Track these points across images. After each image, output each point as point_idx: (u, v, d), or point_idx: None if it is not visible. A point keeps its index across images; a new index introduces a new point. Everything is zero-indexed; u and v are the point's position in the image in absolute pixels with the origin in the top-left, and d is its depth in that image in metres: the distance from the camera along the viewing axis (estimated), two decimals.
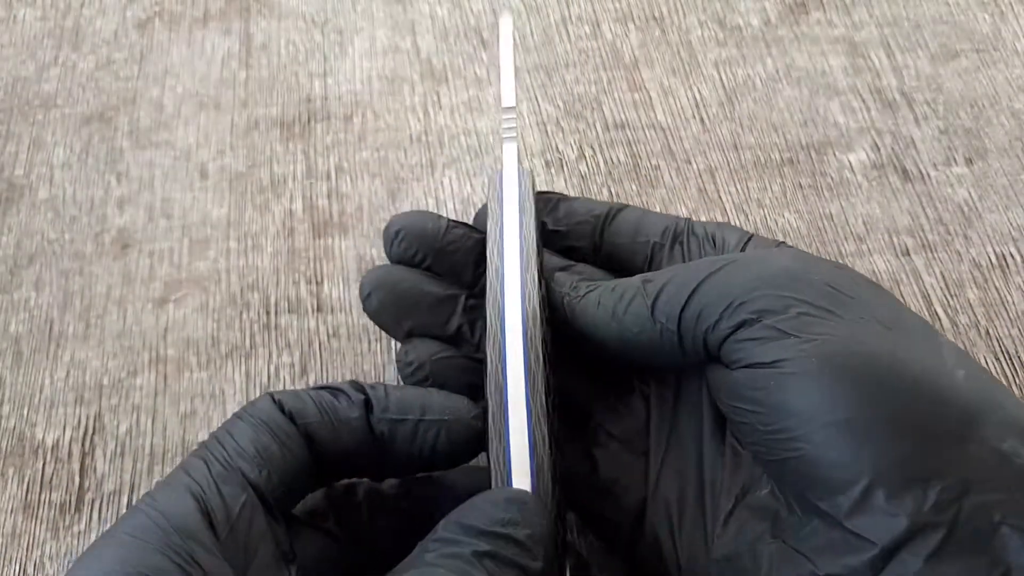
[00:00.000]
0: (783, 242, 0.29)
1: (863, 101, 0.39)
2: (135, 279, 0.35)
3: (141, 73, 0.41)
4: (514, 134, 0.30)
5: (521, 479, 0.23)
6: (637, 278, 0.27)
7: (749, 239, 0.28)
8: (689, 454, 0.26)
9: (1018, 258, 0.35)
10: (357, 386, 0.25)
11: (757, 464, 0.24)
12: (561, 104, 0.40)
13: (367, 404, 0.25)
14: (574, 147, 0.38)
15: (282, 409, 0.24)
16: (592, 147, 0.38)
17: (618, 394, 0.28)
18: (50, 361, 0.33)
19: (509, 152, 0.30)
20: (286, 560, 0.22)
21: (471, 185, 0.37)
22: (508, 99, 0.30)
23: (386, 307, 0.29)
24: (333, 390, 0.25)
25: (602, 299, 0.27)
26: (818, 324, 0.23)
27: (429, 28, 0.42)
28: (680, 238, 0.30)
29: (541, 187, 0.37)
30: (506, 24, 0.31)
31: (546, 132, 0.39)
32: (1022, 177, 0.37)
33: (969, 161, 0.38)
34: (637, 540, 0.26)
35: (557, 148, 0.38)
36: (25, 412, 0.32)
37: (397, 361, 0.29)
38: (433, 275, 0.30)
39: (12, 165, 0.38)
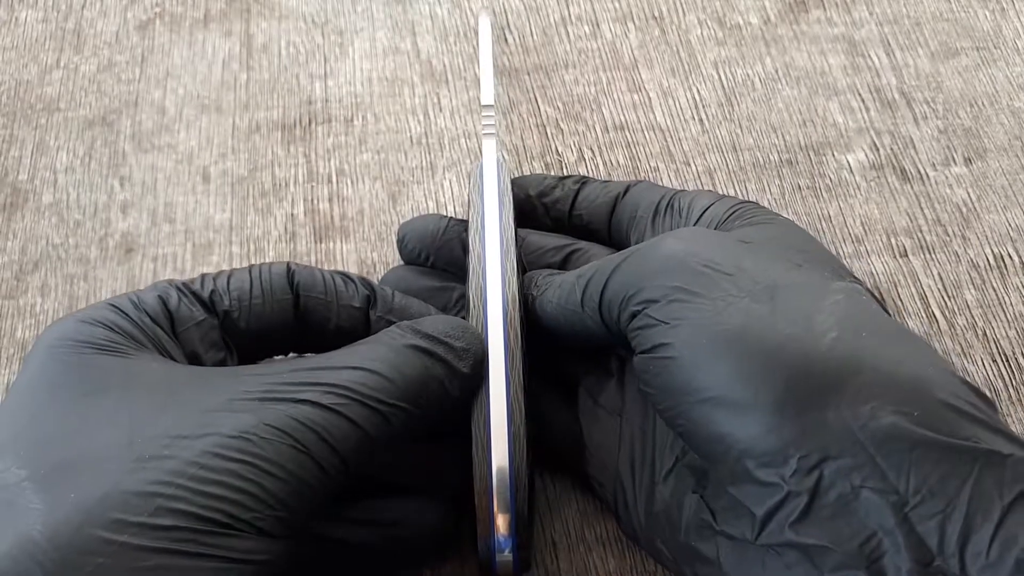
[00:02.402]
0: (749, 201, 0.30)
1: (862, 101, 0.39)
2: (139, 283, 0.35)
3: (143, 75, 0.41)
4: (493, 130, 0.32)
5: (500, 445, 0.25)
6: (573, 273, 0.28)
7: (711, 205, 0.30)
8: (648, 414, 0.28)
9: (1016, 259, 0.35)
10: (367, 282, 0.28)
11: None
12: (560, 105, 0.40)
13: (370, 299, 0.28)
14: (573, 149, 0.38)
15: (291, 278, 0.27)
16: (591, 149, 0.38)
17: (598, 358, 0.30)
18: None
19: (488, 147, 0.32)
20: None
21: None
22: (487, 97, 0.32)
23: None
24: (345, 276, 0.28)
25: (553, 296, 0.28)
26: (684, 308, 0.24)
27: (429, 29, 0.42)
28: (660, 212, 0.31)
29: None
30: (484, 24, 0.33)
31: (546, 134, 0.39)
32: (1021, 177, 0.37)
33: (968, 161, 0.38)
34: (615, 495, 0.28)
35: (557, 150, 0.38)
36: None
37: None
38: (437, 270, 0.32)
39: (16, 170, 0.38)
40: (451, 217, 0.33)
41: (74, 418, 0.22)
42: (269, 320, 0.26)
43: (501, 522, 0.25)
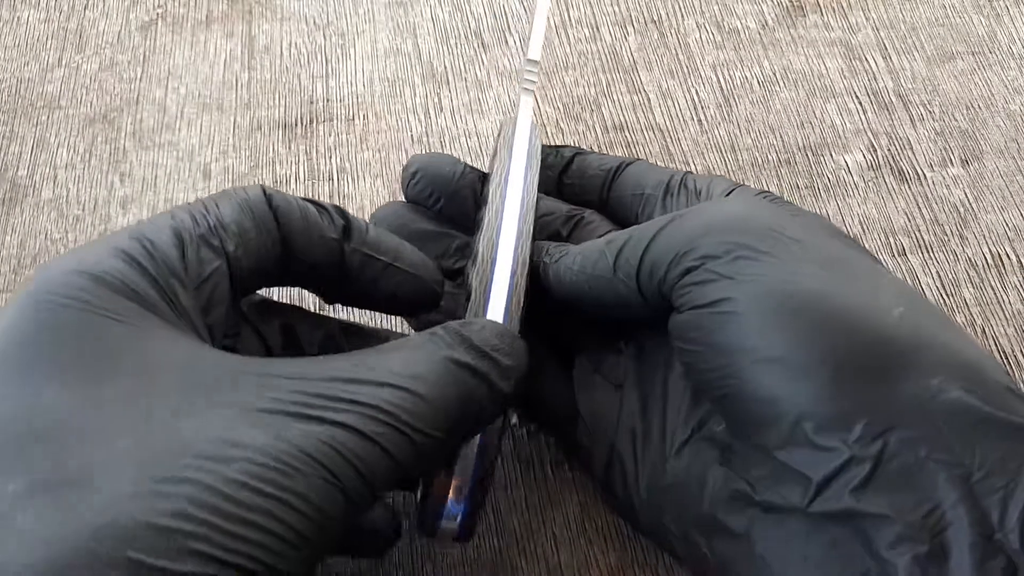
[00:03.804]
0: (769, 192, 0.29)
1: (859, 103, 0.40)
2: None
3: (144, 75, 0.41)
4: (533, 87, 0.31)
5: None
6: (601, 240, 0.28)
7: (734, 189, 0.29)
8: (656, 387, 0.27)
9: (1014, 258, 0.36)
10: (341, 212, 0.26)
11: None
12: (560, 106, 0.40)
13: (346, 231, 0.26)
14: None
15: (270, 203, 0.24)
16: (591, 148, 0.39)
17: (602, 329, 0.30)
18: None
19: (526, 103, 0.31)
20: (231, 334, 0.24)
21: None
22: (535, 52, 0.31)
23: None
24: (319, 206, 0.25)
25: (573, 263, 0.28)
26: (754, 266, 0.24)
27: (430, 31, 0.42)
28: (672, 191, 0.31)
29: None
30: None
31: (546, 134, 0.39)
32: (1017, 178, 0.38)
33: (965, 162, 0.38)
34: (608, 468, 0.27)
35: None
36: None
37: None
38: (436, 215, 0.32)
39: (16, 165, 0.38)
40: (466, 163, 0.32)
41: (77, 413, 0.18)
42: (264, 255, 0.24)
43: (456, 485, 0.24)
